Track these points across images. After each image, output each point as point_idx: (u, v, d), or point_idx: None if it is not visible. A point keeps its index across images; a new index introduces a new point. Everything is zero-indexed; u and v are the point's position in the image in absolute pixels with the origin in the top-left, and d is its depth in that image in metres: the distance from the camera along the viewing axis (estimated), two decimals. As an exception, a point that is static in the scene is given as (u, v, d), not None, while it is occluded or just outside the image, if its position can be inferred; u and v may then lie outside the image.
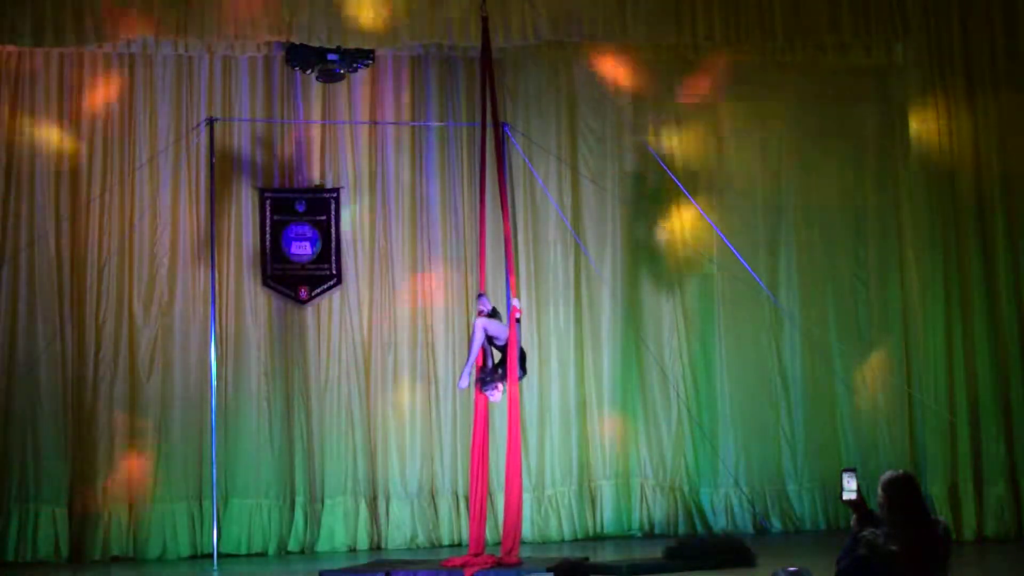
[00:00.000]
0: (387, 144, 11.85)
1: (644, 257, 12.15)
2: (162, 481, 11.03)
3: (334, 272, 11.56)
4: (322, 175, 11.71)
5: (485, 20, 9.97)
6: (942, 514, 10.25)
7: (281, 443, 11.31)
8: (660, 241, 12.14)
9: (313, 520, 11.26)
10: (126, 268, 11.25)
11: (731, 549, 9.71)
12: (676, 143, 12.21)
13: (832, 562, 5.68)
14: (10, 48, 10.85)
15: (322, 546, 11.20)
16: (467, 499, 11.37)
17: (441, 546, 11.26)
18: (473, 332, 9.50)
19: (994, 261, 11.37)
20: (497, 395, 9.40)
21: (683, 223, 12.04)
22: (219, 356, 10.97)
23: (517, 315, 9.48)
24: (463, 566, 9.26)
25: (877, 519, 5.56)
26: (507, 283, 9.83)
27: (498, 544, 9.84)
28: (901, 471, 5.61)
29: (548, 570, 5.60)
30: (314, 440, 11.36)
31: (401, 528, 11.35)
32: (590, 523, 11.72)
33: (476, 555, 9.46)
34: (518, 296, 9.75)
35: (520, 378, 9.53)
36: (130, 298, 11.23)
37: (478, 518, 9.49)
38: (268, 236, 11.49)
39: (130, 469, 11.02)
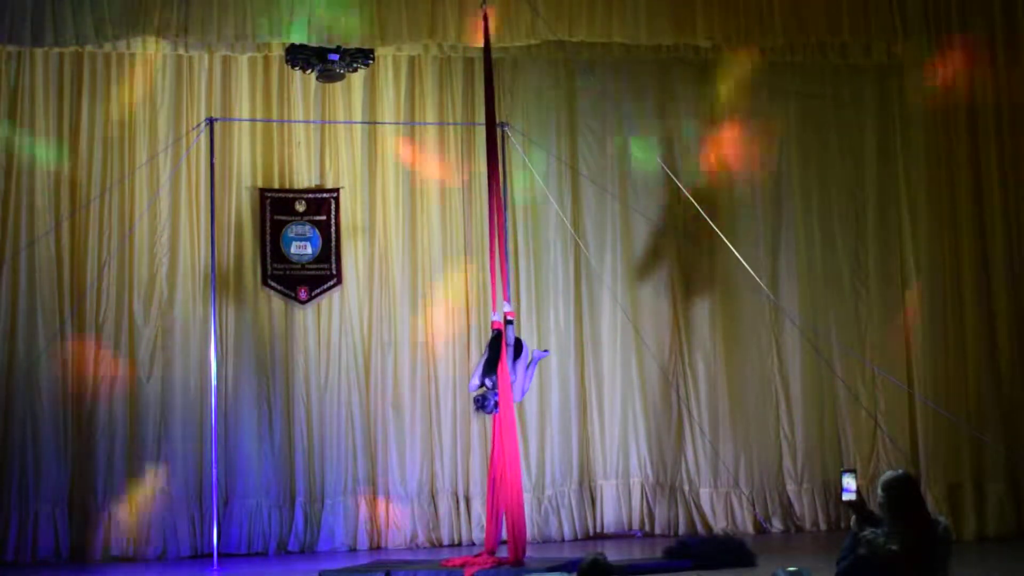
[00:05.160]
0: (386, 144, 11.85)
1: (644, 257, 12.14)
2: (162, 481, 11.03)
3: (334, 272, 11.56)
4: (322, 175, 11.71)
5: (486, 18, 9.97)
6: (942, 514, 10.24)
7: (281, 443, 11.30)
8: (660, 241, 12.13)
9: (313, 520, 11.26)
10: (126, 268, 11.24)
11: (731, 549, 9.71)
12: (676, 143, 12.21)
13: (832, 562, 5.69)
14: (10, 48, 10.84)
15: (322, 546, 11.19)
16: (468, 500, 11.44)
17: (441, 546, 11.27)
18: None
19: (992, 261, 11.38)
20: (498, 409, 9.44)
21: (683, 223, 12.03)
22: (219, 356, 10.96)
23: (509, 318, 9.47)
24: (463, 566, 9.27)
25: (877, 519, 5.58)
26: (503, 285, 9.74)
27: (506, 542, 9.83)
28: (901, 471, 5.63)
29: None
30: (314, 440, 11.36)
31: (401, 528, 11.35)
32: (590, 523, 11.72)
33: (477, 555, 9.48)
34: (508, 299, 9.71)
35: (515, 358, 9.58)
36: (130, 298, 11.22)
37: (494, 520, 9.48)
38: (268, 236, 11.49)
39: (130, 469, 11.02)
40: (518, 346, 9.58)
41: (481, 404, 9.46)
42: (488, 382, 9.46)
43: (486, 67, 9.96)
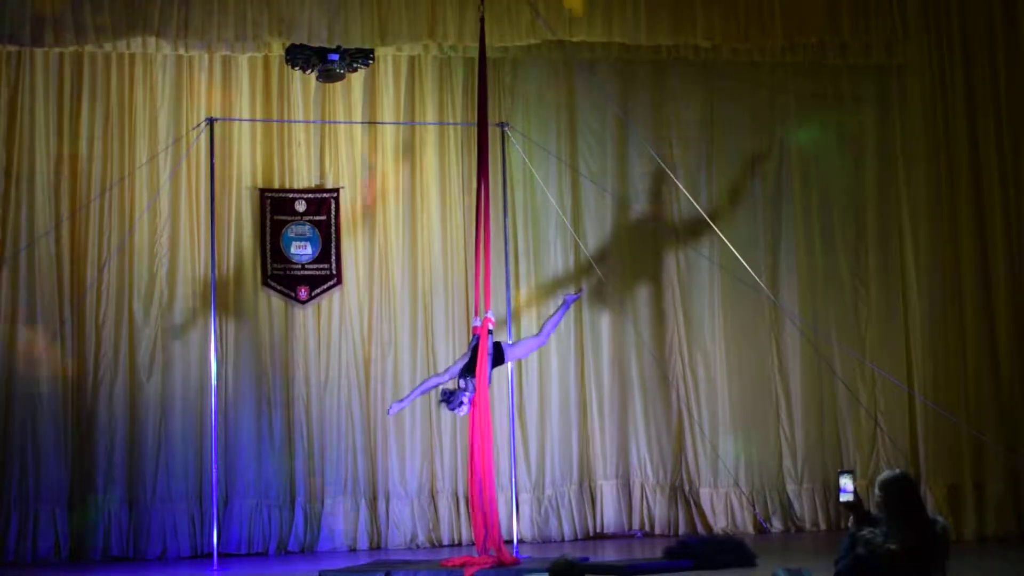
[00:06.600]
0: (386, 144, 11.85)
1: (644, 257, 12.14)
2: (162, 481, 11.03)
3: (334, 272, 11.57)
4: (322, 175, 11.71)
5: (483, 20, 9.97)
6: (942, 514, 10.23)
7: (281, 443, 11.31)
8: (660, 241, 12.13)
9: (313, 520, 11.26)
10: (126, 268, 11.24)
11: (731, 549, 9.71)
12: (676, 143, 12.21)
13: (832, 562, 5.69)
14: (10, 48, 10.85)
15: (322, 546, 11.20)
16: (468, 499, 11.43)
17: (441, 546, 11.27)
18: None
19: (993, 261, 11.38)
20: (463, 409, 9.40)
21: (683, 222, 12.04)
22: (219, 356, 10.96)
23: (490, 326, 9.45)
24: (463, 566, 9.27)
25: (875, 520, 5.58)
26: (485, 292, 9.64)
27: (507, 542, 9.83)
28: (898, 470, 5.64)
29: (547, 570, 5.60)
30: (314, 440, 11.37)
31: (401, 528, 11.36)
32: (590, 523, 11.73)
33: (477, 555, 9.48)
34: (490, 308, 9.66)
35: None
36: (130, 298, 11.22)
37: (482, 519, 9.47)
38: (268, 236, 11.49)
39: (130, 469, 11.02)
40: (498, 353, 9.56)
41: (447, 398, 9.44)
42: (462, 382, 9.44)
43: (480, 71, 9.95)
